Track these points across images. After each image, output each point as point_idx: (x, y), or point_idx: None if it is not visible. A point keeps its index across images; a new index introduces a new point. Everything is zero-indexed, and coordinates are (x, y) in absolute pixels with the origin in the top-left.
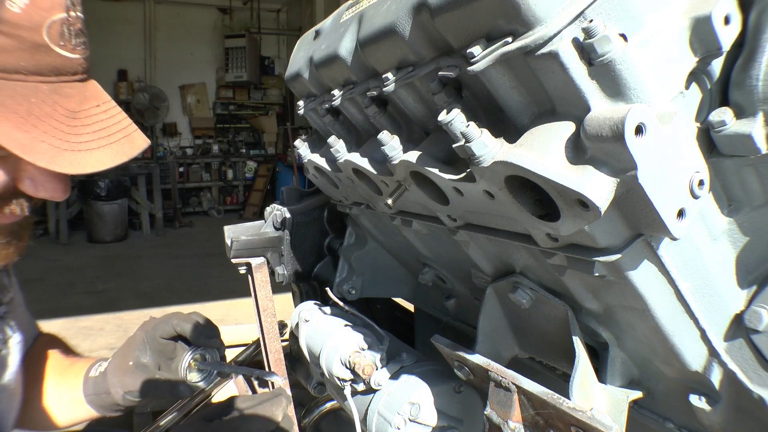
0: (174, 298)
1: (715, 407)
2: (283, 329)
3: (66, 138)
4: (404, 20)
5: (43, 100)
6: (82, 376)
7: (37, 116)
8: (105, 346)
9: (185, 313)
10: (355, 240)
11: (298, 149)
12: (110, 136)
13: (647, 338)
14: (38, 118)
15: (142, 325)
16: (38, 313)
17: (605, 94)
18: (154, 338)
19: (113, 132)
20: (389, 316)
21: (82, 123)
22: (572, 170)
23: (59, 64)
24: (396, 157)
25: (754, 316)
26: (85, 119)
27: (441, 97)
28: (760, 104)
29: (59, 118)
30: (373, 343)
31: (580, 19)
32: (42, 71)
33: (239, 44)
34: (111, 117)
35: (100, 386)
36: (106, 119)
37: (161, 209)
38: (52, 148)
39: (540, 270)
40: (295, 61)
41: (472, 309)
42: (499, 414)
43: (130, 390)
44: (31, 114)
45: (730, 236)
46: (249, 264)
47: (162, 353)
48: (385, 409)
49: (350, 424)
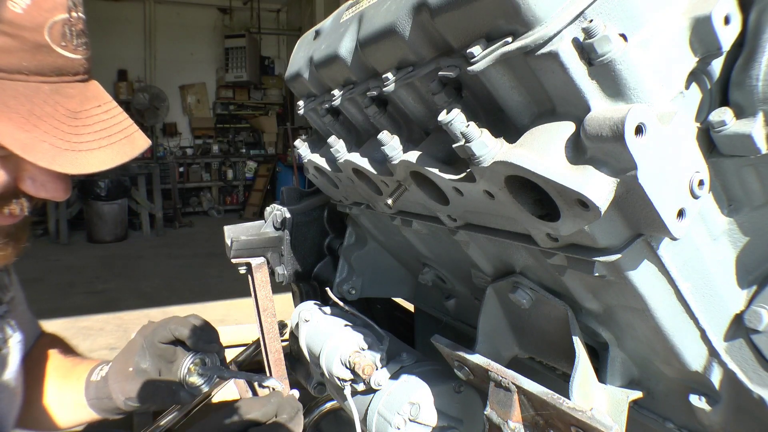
0: (174, 298)
1: (715, 407)
2: (283, 329)
3: (67, 138)
4: (404, 20)
5: (45, 101)
6: (84, 380)
7: (38, 116)
8: (105, 346)
9: (183, 316)
10: (355, 240)
11: (298, 149)
12: (111, 137)
13: (647, 338)
14: (39, 118)
15: (140, 329)
16: (38, 313)
17: (605, 94)
18: (153, 343)
19: (114, 132)
20: (389, 316)
21: (83, 123)
22: (572, 170)
23: (61, 65)
24: (396, 157)
25: (754, 316)
26: (86, 119)
27: (441, 97)
28: (760, 104)
29: (60, 118)
30: (373, 343)
31: (580, 19)
32: (43, 71)
33: (239, 44)
34: (112, 117)
35: (101, 391)
36: (107, 119)
37: (161, 209)
38: (53, 148)
39: (540, 270)
40: (295, 61)
41: (472, 309)
42: (499, 414)
43: (131, 396)
44: (32, 114)
45: (730, 236)
46: (249, 264)
47: (161, 358)
48: (385, 409)
49: (350, 424)
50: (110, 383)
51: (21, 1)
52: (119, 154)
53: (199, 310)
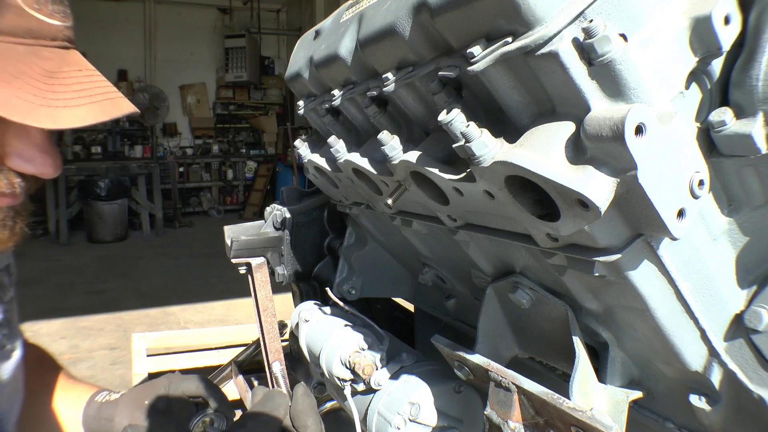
0: (174, 298)
1: (715, 407)
2: (283, 329)
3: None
4: (404, 20)
5: (19, 59)
6: (86, 397)
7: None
8: (105, 346)
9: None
10: (355, 240)
11: (298, 149)
12: (91, 96)
13: (647, 338)
14: (12, 75)
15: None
16: (38, 313)
17: (605, 94)
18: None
19: (95, 93)
20: (389, 316)
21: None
22: (572, 170)
23: (35, 27)
24: (396, 157)
25: (754, 316)
26: (63, 80)
27: (441, 97)
28: (760, 104)
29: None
30: (373, 343)
31: (580, 19)
32: (16, 32)
33: (239, 44)
34: (93, 81)
35: (105, 411)
36: (87, 82)
37: (161, 209)
38: (28, 103)
39: (540, 270)
40: (295, 61)
41: (472, 309)
42: (499, 414)
43: (135, 425)
44: (4, 71)
45: (730, 236)
46: (249, 264)
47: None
48: (385, 409)
49: (350, 424)
50: (119, 407)
51: None
52: (100, 112)
53: (199, 310)
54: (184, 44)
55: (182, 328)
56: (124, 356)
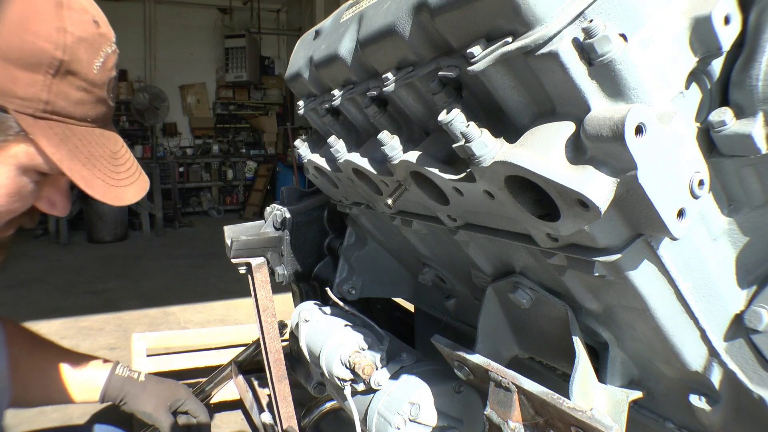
0: (174, 298)
1: (715, 407)
2: (283, 329)
3: (112, 176)
4: (404, 20)
5: (97, 143)
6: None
7: (94, 156)
8: (105, 346)
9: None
10: (355, 240)
11: (298, 149)
12: (134, 174)
13: (647, 338)
14: (95, 158)
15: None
16: (38, 313)
17: (605, 94)
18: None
19: (135, 171)
20: (389, 316)
21: (119, 163)
22: (572, 170)
23: (106, 113)
24: (396, 157)
25: (754, 316)
26: (120, 159)
27: (441, 97)
28: (760, 104)
29: (107, 158)
30: (373, 343)
31: (580, 19)
32: (98, 119)
33: (239, 44)
34: (130, 156)
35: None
36: (129, 158)
37: (161, 209)
38: (105, 184)
39: (540, 270)
40: (295, 61)
41: (472, 309)
42: (499, 414)
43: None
44: (91, 155)
45: (730, 236)
46: (249, 264)
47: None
48: (385, 409)
49: (350, 424)
50: (146, 393)
51: (97, 61)
52: (140, 189)
53: (199, 310)
54: (184, 44)
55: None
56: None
